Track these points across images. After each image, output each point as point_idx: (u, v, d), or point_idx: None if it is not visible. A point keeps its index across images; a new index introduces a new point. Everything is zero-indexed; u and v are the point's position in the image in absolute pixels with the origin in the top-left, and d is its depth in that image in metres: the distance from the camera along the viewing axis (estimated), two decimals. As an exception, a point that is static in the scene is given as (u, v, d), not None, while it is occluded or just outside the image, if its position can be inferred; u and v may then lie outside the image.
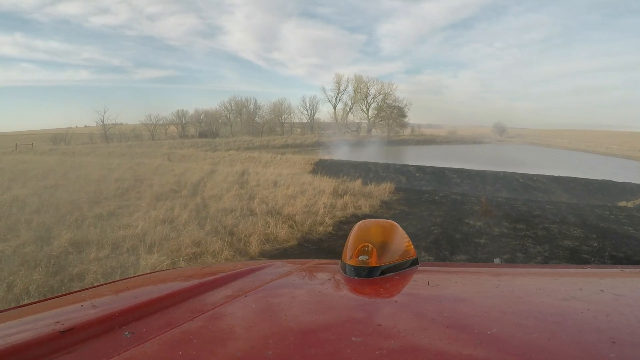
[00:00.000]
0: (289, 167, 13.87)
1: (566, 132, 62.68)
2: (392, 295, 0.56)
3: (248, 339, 0.42)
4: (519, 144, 51.04)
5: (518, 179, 13.65)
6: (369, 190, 7.88)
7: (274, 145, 34.50)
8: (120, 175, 10.38)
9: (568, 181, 14.48)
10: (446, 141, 50.14)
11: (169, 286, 0.66)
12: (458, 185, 12.14)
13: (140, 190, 7.81)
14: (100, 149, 26.95)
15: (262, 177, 9.43)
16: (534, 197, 11.89)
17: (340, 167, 14.10)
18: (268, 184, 8.45)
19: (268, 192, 7.32)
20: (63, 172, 11.64)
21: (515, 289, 0.57)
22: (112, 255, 3.76)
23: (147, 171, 11.74)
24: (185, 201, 6.40)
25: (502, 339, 0.40)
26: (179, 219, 5.05)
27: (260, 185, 8.18)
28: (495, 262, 2.58)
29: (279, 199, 6.48)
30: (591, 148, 42.00)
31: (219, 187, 7.83)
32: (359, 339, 0.40)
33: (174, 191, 7.55)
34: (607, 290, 0.54)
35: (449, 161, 22.84)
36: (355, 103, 54.57)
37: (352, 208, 6.35)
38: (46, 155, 22.12)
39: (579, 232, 5.58)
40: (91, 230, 4.59)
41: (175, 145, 32.14)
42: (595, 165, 26.66)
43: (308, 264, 0.82)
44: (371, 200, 7.03)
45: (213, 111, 51.40)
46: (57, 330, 0.43)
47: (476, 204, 7.38)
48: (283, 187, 7.83)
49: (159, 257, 3.52)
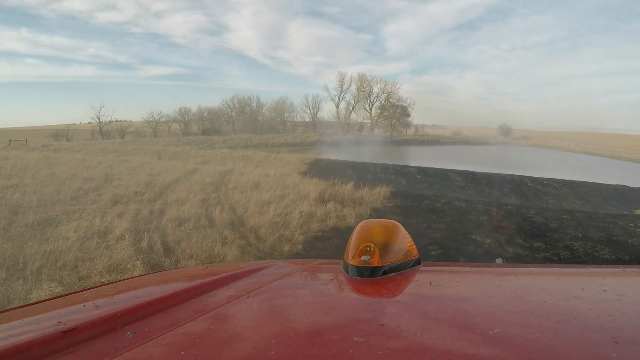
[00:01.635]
0: (281, 167, 12.97)
1: (571, 135, 61.64)
2: (394, 295, 0.56)
3: (250, 339, 0.42)
4: (524, 146, 49.95)
5: (527, 183, 12.61)
6: (361, 195, 6.88)
7: (273, 144, 33.51)
8: (91, 175, 9.53)
9: (580, 186, 13.44)
10: (450, 142, 48.99)
11: (171, 286, 0.65)
12: (462, 190, 11.14)
13: (102, 192, 6.93)
14: (95, 146, 26.28)
15: (245, 178, 8.51)
16: (545, 203, 10.88)
17: (336, 167, 13.17)
18: (248, 186, 7.53)
19: (243, 196, 6.40)
20: (36, 170, 10.85)
21: (518, 289, 0.57)
22: (4, 282, 2.86)
23: (124, 170, 10.89)
24: (142, 206, 5.52)
25: (505, 338, 0.40)
26: (116, 230, 4.15)
27: (238, 188, 7.26)
28: (497, 262, 2.43)
29: (250, 206, 5.57)
30: (598, 151, 41.31)
31: (190, 190, 6.92)
32: (362, 339, 0.40)
33: (138, 194, 6.66)
34: (610, 290, 0.54)
35: (453, 162, 21.87)
36: (358, 102, 53.78)
37: (334, 219, 5.33)
38: (36, 152, 21.55)
39: (607, 252, 4.62)
40: (4, 243, 3.71)
41: (171, 142, 31.39)
42: (605, 169, 25.59)
43: (310, 264, 0.81)
44: (360, 209, 6.05)
45: (216, 109, 51.19)
46: (59, 330, 0.43)
47: (483, 213, 6.42)
48: (263, 190, 6.92)
49: (52, 289, 2.61)
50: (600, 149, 42.32)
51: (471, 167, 15.31)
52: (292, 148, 29.89)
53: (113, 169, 11.36)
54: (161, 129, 47.94)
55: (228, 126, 50.26)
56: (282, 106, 52.93)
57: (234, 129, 49.08)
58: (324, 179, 9.35)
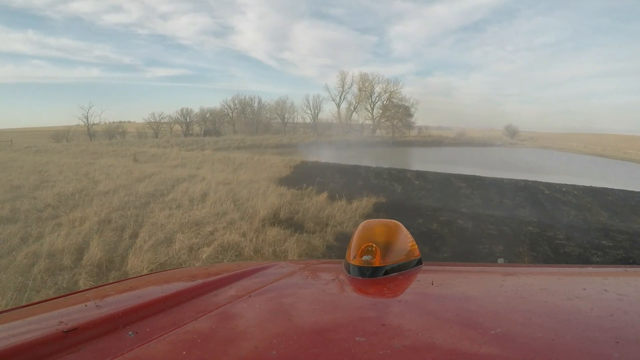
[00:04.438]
0: (259, 171, 11.37)
1: (577, 136, 59.68)
2: (396, 295, 0.55)
3: (252, 339, 0.42)
4: (532, 148, 47.97)
5: (543, 190, 10.89)
6: (332, 210, 5.19)
7: (267, 145, 31.89)
8: (28, 181, 7.97)
9: (603, 193, 11.67)
10: (455, 143, 47.08)
11: (172, 286, 0.64)
12: (468, 199, 9.44)
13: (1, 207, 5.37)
14: (78, 147, 24.95)
15: (198, 187, 6.92)
16: (567, 215, 9.17)
17: (322, 171, 11.54)
18: (195, 196, 5.95)
19: (167, 214, 4.82)
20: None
21: (519, 289, 0.57)
22: None
23: (71, 175, 9.35)
24: (21, 230, 3.97)
25: (507, 338, 0.39)
26: None
27: (177, 200, 5.69)
28: (499, 262, 1.97)
29: (161, 231, 4.00)
30: (607, 152, 39.72)
31: (110, 205, 5.35)
32: (363, 339, 0.40)
33: (46, 208, 5.10)
34: (611, 290, 0.54)
35: (457, 166, 20.10)
36: (360, 102, 52.15)
37: (263, 257, 3.53)
38: (14, 153, 20.40)
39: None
40: None
41: (160, 144, 29.95)
42: (621, 173, 23.66)
43: (312, 264, 0.80)
44: (316, 238, 4.24)
45: (218, 110, 50.30)
46: (61, 330, 0.43)
47: (497, 239, 4.76)
48: (207, 204, 5.33)
49: None
50: (609, 150, 40.65)
51: (477, 171, 13.58)
52: (285, 149, 28.27)
53: (62, 173, 9.85)
54: (163, 130, 47.17)
55: (229, 127, 49.19)
56: (283, 106, 51.51)
57: (235, 129, 47.94)
58: (299, 186, 7.73)
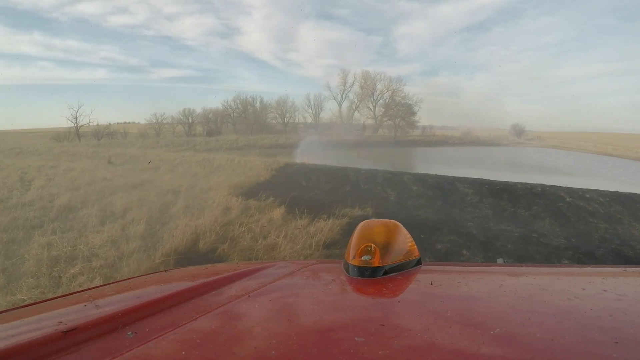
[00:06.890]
0: (235, 176, 9.96)
1: (585, 135, 57.80)
2: (395, 295, 0.55)
3: (251, 339, 0.42)
4: (540, 147, 46.06)
5: (564, 197, 9.31)
6: (281, 235, 3.52)
7: (261, 145, 30.50)
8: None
9: (633, 200, 10.02)
10: (460, 142, 45.31)
11: (171, 286, 0.64)
12: (475, 209, 7.92)
13: None
14: (62, 149, 23.81)
15: (133, 197, 5.54)
16: (595, 229, 7.63)
17: (306, 175, 10.09)
18: (110, 214, 4.55)
19: (44, 241, 3.43)
20: None
21: (519, 289, 0.56)
22: None
23: (10, 180, 8.02)
24: None
25: (506, 338, 0.39)
26: None
27: (85, 218, 4.31)
28: (498, 262, 2.09)
29: None
30: (618, 152, 37.82)
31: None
32: (363, 339, 0.40)
33: None
34: (610, 290, 0.54)
35: (463, 167, 18.41)
36: (362, 100, 50.58)
37: None
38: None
39: None
40: None
41: (149, 145, 28.73)
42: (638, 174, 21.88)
43: (311, 264, 0.79)
44: None
45: (220, 110, 49.55)
46: (60, 330, 0.42)
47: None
48: (117, 223, 3.94)
49: None
50: (620, 149, 38.69)
51: (485, 173, 11.97)
52: (278, 150, 26.84)
53: (9, 179, 8.53)
54: (165, 131, 46.60)
55: (230, 127, 48.22)
56: (283, 106, 50.15)
57: (236, 130, 46.89)
58: (268, 195, 6.28)
